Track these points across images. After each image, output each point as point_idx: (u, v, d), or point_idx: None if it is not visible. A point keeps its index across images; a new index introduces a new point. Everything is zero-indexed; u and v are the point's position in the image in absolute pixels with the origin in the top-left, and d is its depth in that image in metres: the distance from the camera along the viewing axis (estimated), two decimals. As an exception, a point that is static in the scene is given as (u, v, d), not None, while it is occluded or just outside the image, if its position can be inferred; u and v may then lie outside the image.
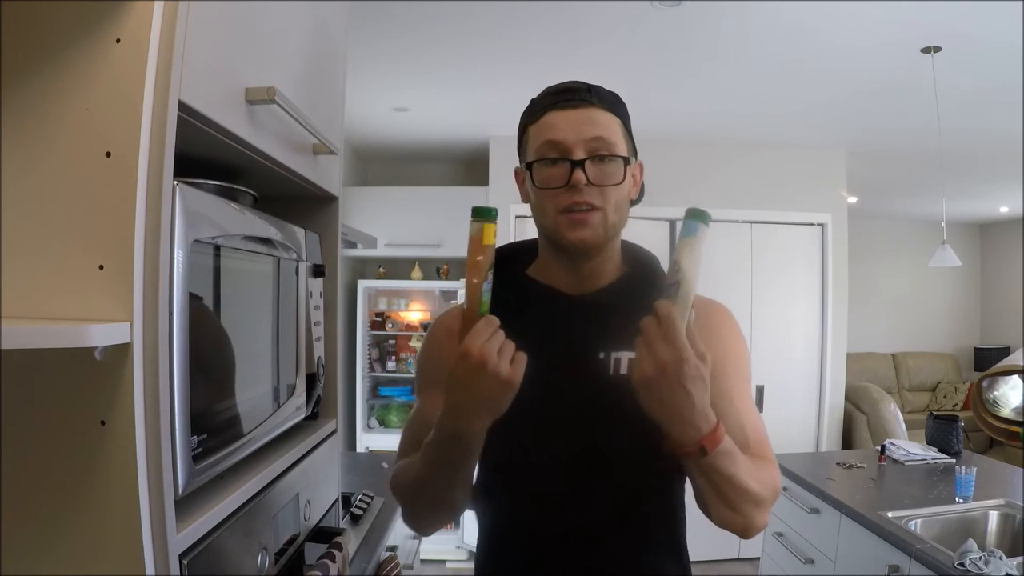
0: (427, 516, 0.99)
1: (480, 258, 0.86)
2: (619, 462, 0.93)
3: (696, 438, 0.81)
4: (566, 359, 0.93)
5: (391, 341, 4.46)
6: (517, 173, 1.01)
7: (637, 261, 1.03)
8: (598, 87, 0.95)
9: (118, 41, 0.71)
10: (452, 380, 0.82)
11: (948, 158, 3.79)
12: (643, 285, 0.97)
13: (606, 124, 0.92)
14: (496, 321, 0.83)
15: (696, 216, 0.85)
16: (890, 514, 2.08)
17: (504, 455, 0.92)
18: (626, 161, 0.92)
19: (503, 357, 0.81)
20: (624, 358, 0.93)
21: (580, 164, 0.89)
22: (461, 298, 1.12)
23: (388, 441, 4.19)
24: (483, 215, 0.86)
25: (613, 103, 0.96)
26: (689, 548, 1.01)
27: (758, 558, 2.97)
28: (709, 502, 0.88)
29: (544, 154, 0.91)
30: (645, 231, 4.01)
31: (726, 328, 1.01)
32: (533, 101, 0.98)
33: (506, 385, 0.81)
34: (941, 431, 2.89)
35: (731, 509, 0.87)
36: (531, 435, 0.92)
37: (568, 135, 0.90)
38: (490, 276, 0.87)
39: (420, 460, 0.90)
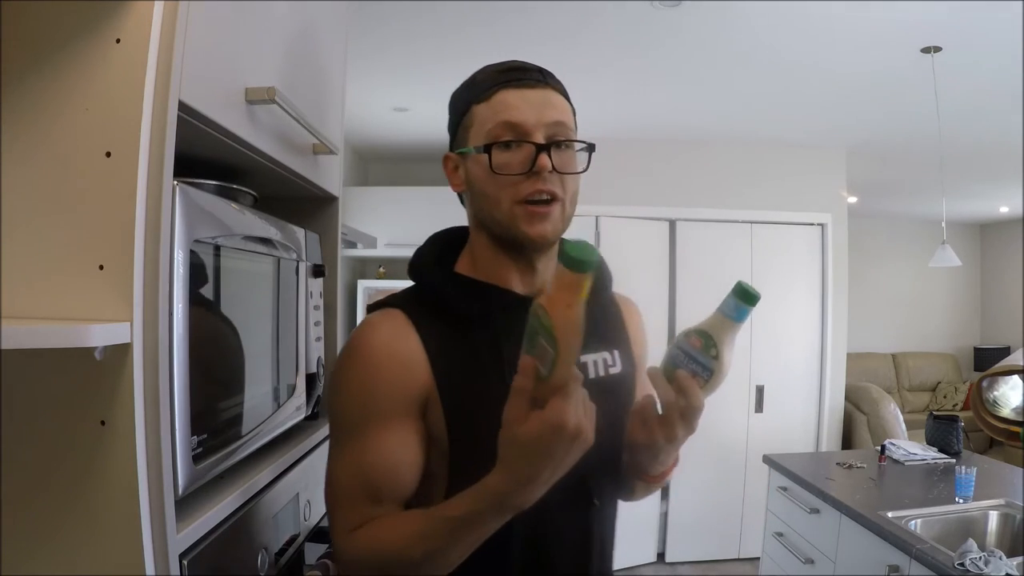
0: None
1: (576, 317, 0.67)
2: (594, 474, 0.88)
3: (663, 471, 0.91)
4: None
5: (391, 341, 4.46)
6: (448, 159, 0.91)
7: None
8: (546, 69, 0.88)
9: (118, 41, 0.71)
10: (530, 452, 0.69)
11: (948, 158, 3.79)
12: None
13: (563, 108, 0.87)
14: (582, 377, 0.71)
15: (748, 299, 0.76)
16: (890, 514, 2.08)
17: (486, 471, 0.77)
18: (590, 148, 0.87)
19: (589, 419, 0.70)
20: (589, 362, 0.90)
21: (546, 148, 0.81)
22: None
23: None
24: (584, 267, 0.65)
25: (564, 88, 0.89)
26: (689, 548, 1.06)
27: (758, 558, 2.97)
28: (637, 494, 1.00)
29: (499, 136, 0.82)
30: (645, 231, 4.02)
31: (641, 321, 1.05)
32: (475, 79, 0.88)
33: (587, 447, 0.71)
34: (941, 431, 2.89)
35: (649, 494, 1.01)
36: None
37: (528, 117, 0.82)
38: None
39: (448, 532, 0.74)
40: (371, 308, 0.91)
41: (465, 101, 0.88)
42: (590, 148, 0.87)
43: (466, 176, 0.88)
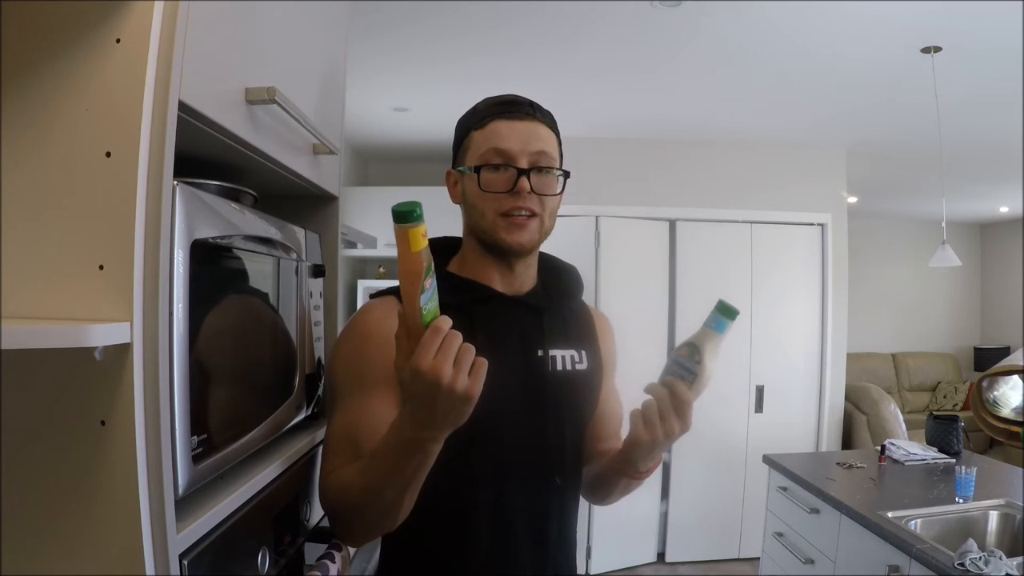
0: (372, 527, 0.94)
1: (410, 267, 0.75)
2: (557, 455, 1.02)
3: (651, 467, 0.99)
4: (514, 356, 1.01)
5: (391, 341, 4.45)
6: (449, 175, 1.06)
7: (553, 269, 1.13)
8: (537, 103, 1.02)
9: (118, 41, 0.71)
10: (408, 396, 0.79)
11: (948, 158, 3.79)
12: (562, 291, 1.11)
13: (547, 139, 1.01)
14: (444, 329, 0.77)
15: (727, 313, 0.89)
16: (890, 514, 2.08)
17: (452, 451, 0.87)
18: (565, 175, 1.02)
19: (460, 371, 0.76)
20: (558, 356, 1.05)
21: (526, 172, 0.97)
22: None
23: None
24: (405, 218, 0.74)
25: (552, 120, 1.03)
26: (689, 548, 1.10)
27: (758, 558, 2.97)
28: (613, 496, 1.09)
29: (489, 159, 0.97)
30: (645, 231, 4.02)
31: (612, 335, 1.18)
32: (476, 109, 1.03)
33: (465, 400, 0.78)
34: (941, 431, 2.89)
35: (626, 494, 1.08)
36: (483, 430, 0.91)
37: (513, 144, 0.97)
38: (429, 282, 0.77)
39: (373, 467, 0.86)
40: (372, 297, 1.08)
41: (465, 127, 1.03)
42: (566, 175, 1.02)
43: (462, 191, 1.04)
